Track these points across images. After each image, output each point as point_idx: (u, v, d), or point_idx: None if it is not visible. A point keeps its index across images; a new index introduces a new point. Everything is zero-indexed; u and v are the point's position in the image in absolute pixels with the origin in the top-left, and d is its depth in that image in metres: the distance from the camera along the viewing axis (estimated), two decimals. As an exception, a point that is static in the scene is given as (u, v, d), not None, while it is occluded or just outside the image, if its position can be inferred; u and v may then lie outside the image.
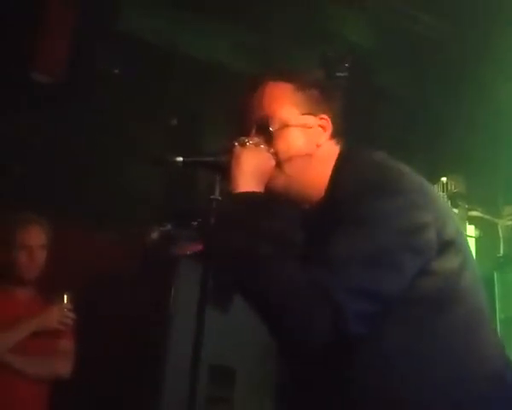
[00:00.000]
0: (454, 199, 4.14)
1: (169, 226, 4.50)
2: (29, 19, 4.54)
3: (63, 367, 3.82)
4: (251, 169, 1.82)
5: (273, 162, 1.86)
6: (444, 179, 4.22)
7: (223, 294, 1.80)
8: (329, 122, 1.93)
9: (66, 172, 4.81)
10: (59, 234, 4.03)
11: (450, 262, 1.72)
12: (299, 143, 1.89)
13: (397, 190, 1.70)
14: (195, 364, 1.71)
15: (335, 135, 1.94)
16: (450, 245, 1.73)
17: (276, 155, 1.87)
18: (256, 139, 1.89)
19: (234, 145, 1.87)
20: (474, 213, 4.21)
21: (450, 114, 4.98)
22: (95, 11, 4.73)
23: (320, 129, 1.92)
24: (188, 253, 4.25)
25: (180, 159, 1.89)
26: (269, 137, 1.88)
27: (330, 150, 1.91)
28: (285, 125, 1.89)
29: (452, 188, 4.22)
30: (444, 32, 5.14)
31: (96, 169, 4.91)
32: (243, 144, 1.87)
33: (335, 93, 2.00)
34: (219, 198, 1.83)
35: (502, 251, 4.41)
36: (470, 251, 1.84)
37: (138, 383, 4.17)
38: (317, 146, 1.90)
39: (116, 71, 5.00)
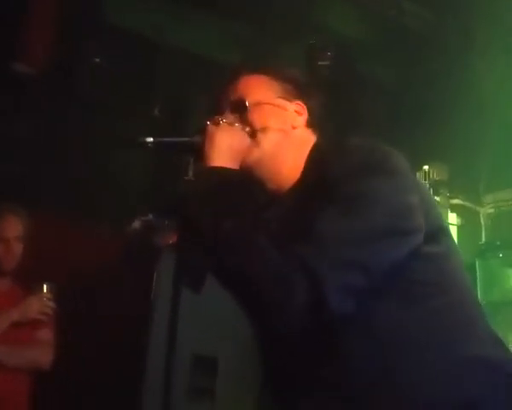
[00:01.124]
0: (436, 187, 4.15)
1: (151, 216, 4.48)
2: (12, 9, 4.50)
3: (43, 357, 3.82)
4: (224, 146, 1.80)
5: (247, 140, 1.85)
6: (426, 167, 4.23)
7: (195, 273, 1.78)
8: (305, 108, 1.93)
9: (48, 163, 4.78)
10: (39, 225, 4.01)
11: (439, 246, 1.72)
12: (274, 117, 1.89)
13: (385, 170, 1.70)
14: (171, 351, 1.70)
15: (312, 125, 1.94)
16: (437, 230, 1.74)
17: (250, 128, 1.86)
18: (230, 117, 1.88)
19: (207, 124, 1.86)
20: (455, 201, 4.23)
21: (431, 102, 4.99)
22: (81, 2, 4.71)
23: (295, 113, 1.92)
24: (170, 242, 4.23)
25: (150, 139, 1.87)
26: (243, 115, 1.88)
27: (305, 137, 1.92)
28: (260, 103, 1.90)
29: (434, 176, 4.23)
30: (427, 20, 5.15)
31: (79, 160, 4.88)
32: (217, 123, 1.85)
33: (313, 88, 2.00)
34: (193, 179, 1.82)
35: (483, 239, 4.44)
36: (452, 237, 1.84)
37: (120, 372, 4.15)
38: (293, 127, 1.90)
39: (101, 61, 4.97)
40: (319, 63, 4.77)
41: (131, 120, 5.00)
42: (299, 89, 1.95)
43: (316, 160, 1.84)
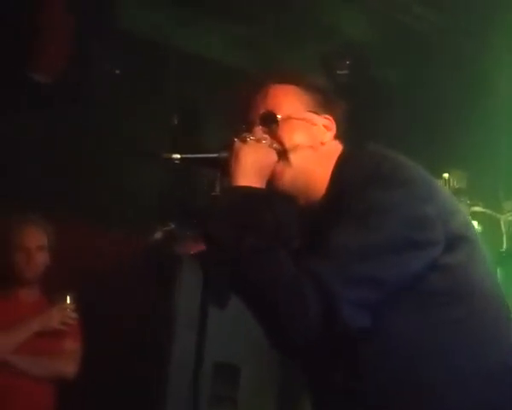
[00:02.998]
0: (456, 195, 4.13)
1: (172, 226, 4.50)
2: (28, 19, 4.54)
3: (68, 368, 3.83)
4: (250, 164, 1.81)
5: (275, 157, 1.85)
6: (446, 175, 4.21)
7: (220, 290, 1.79)
8: (333, 123, 1.94)
9: (68, 172, 4.80)
10: (62, 235, 4.04)
11: (458, 256, 1.70)
12: (304, 134, 1.89)
13: (400, 182, 1.70)
14: (199, 363, 1.72)
15: (337, 137, 1.94)
16: (457, 239, 1.71)
17: (280, 145, 1.87)
18: (258, 134, 1.89)
19: (234, 141, 1.86)
20: (476, 208, 4.20)
21: (451, 110, 4.98)
22: (93, 10, 4.74)
23: (324, 128, 1.92)
24: (191, 252, 4.25)
25: (177, 156, 1.88)
26: (273, 131, 1.89)
27: (333, 150, 1.91)
28: (290, 117, 1.90)
29: (454, 184, 4.21)
30: (444, 24, 5.14)
31: (97, 169, 4.90)
32: (244, 140, 1.86)
33: (338, 98, 2.00)
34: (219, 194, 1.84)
35: (504, 246, 4.41)
36: (480, 242, 1.81)
37: (142, 383, 4.17)
38: (321, 144, 1.90)
39: (114, 69, 5.00)
40: (337, 72, 4.78)
41: (145, 126, 5.03)
42: (326, 100, 1.95)
43: (340, 172, 1.85)
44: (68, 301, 3.86)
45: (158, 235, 4.49)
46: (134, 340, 4.31)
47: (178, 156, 1.88)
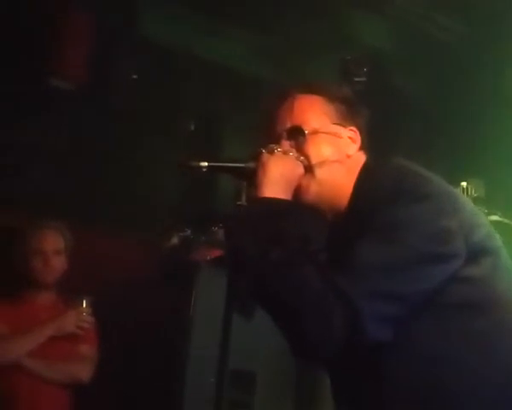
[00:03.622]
0: (474, 204, 4.12)
1: (188, 232, 4.51)
2: (48, 25, 4.57)
3: (83, 372, 3.83)
4: (277, 176, 1.81)
5: (301, 170, 1.86)
6: (464, 184, 4.19)
7: (246, 300, 1.80)
8: (358, 135, 1.95)
9: (85, 177, 4.83)
10: (80, 239, 4.05)
11: (480, 268, 1.70)
12: (330, 148, 1.91)
13: (422, 196, 1.70)
14: (222, 371, 1.71)
15: (362, 147, 1.96)
16: (479, 252, 1.72)
17: (307, 159, 1.88)
18: (285, 146, 1.89)
19: (261, 152, 1.87)
20: (493, 217, 4.18)
21: (469, 119, 4.97)
22: (113, 16, 4.76)
23: (349, 140, 1.94)
24: (208, 258, 4.26)
25: (205, 164, 1.88)
26: (300, 144, 1.90)
27: (358, 161, 1.92)
28: (317, 131, 1.91)
29: (472, 192, 4.20)
30: (463, 32, 5.13)
31: (115, 174, 4.92)
32: (271, 151, 1.87)
33: (361, 107, 2.01)
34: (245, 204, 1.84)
35: (522, 255, 4.38)
36: (504, 254, 1.81)
37: (160, 389, 4.18)
38: (347, 156, 1.92)
39: (134, 76, 5.03)
40: (355, 79, 4.77)
41: (166, 134, 5.05)
42: (351, 110, 1.97)
43: (363, 185, 1.85)
44: (84, 306, 3.87)
45: (174, 240, 4.50)
46: (151, 347, 4.31)
47: (206, 164, 1.88)
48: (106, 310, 3.99)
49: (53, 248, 3.92)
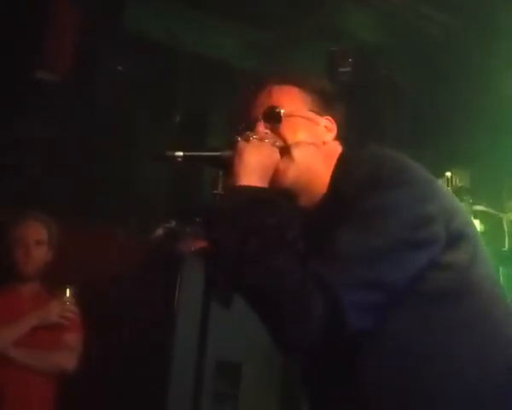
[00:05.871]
0: (459, 193, 4.13)
1: (173, 223, 4.51)
2: (34, 17, 4.55)
3: (66, 361, 3.83)
4: (253, 163, 1.80)
5: (278, 156, 1.85)
6: (448, 174, 4.21)
7: (224, 289, 1.79)
8: (334, 124, 1.95)
9: (71, 170, 4.82)
10: (65, 231, 4.05)
11: (460, 254, 1.69)
12: (306, 131, 1.90)
13: (401, 182, 1.69)
14: (201, 361, 1.71)
15: (337, 138, 1.95)
16: (459, 237, 1.70)
17: (283, 141, 1.87)
18: (261, 133, 1.88)
19: (237, 140, 1.86)
20: (478, 207, 4.20)
21: (454, 108, 4.98)
22: (100, 9, 4.75)
23: (325, 129, 1.93)
24: (192, 249, 4.26)
25: (180, 153, 1.86)
26: (276, 128, 1.89)
27: (334, 150, 1.92)
28: (293, 114, 1.90)
29: (457, 182, 4.21)
30: (449, 25, 5.14)
31: (100, 167, 4.92)
32: (247, 139, 1.86)
33: (339, 100, 2.01)
34: (222, 193, 1.82)
35: (507, 245, 4.40)
36: (481, 242, 1.80)
37: (144, 380, 4.18)
38: (323, 143, 1.91)
39: (121, 69, 5.02)
40: (340, 70, 4.78)
41: (152, 126, 5.05)
42: (328, 101, 1.96)
43: (340, 172, 1.84)
44: (68, 295, 3.86)
45: (159, 232, 4.50)
46: (135, 337, 4.31)
47: (181, 154, 1.87)
48: (91, 301, 3.98)
49: (35, 239, 3.92)
